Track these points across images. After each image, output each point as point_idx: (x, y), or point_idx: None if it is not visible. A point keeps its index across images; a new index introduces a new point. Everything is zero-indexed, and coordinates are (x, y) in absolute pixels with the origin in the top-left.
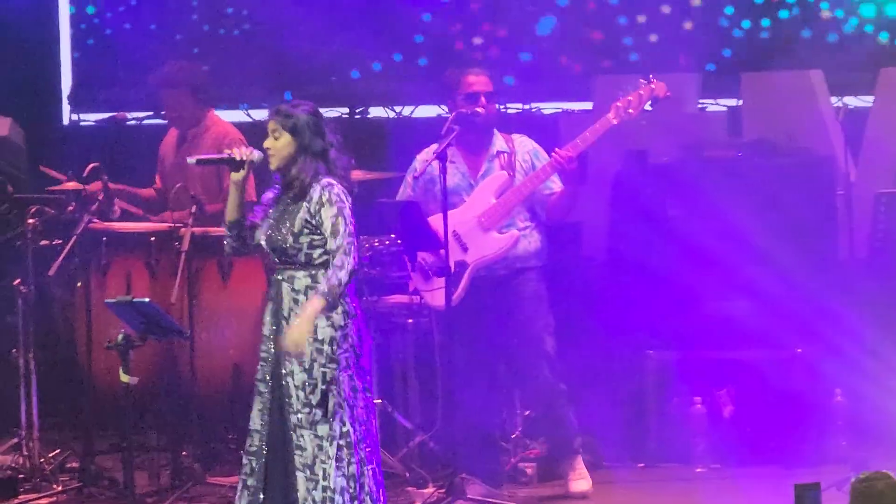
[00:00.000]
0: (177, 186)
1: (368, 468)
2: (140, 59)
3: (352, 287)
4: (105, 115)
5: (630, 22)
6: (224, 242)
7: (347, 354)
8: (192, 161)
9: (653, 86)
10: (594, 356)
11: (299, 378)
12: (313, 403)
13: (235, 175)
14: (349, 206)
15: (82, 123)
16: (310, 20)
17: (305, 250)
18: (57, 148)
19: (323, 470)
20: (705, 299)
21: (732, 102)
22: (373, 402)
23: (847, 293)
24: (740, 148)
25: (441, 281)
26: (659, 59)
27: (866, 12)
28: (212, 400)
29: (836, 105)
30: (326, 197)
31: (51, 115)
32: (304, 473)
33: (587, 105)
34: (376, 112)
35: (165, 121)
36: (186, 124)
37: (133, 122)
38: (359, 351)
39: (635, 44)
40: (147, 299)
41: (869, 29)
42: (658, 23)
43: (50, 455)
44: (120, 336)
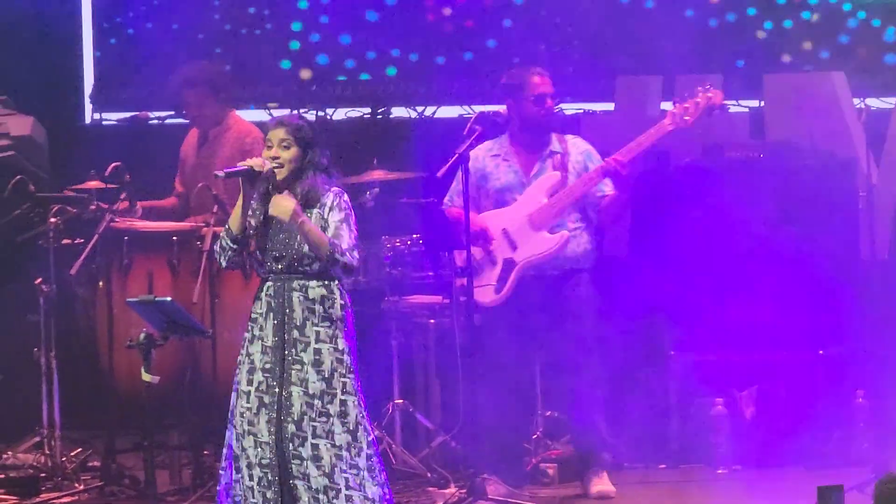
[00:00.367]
0: (199, 186)
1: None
2: (162, 59)
3: (349, 297)
4: (127, 115)
5: (650, 21)
6: (221, 257)
7: (356, 363)
8: (222, 175)
9: (710, 94)
10: (616, 356)
11: (315, 387)
12: (332, 413)
13: (249, 186)
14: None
15: (104, 123)
16: (331, 19)
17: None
18: (79, 147)
19: (345, 479)
20: (727, 300)
21: (755, 104)
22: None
23: (868, 294)
24: (762, 149)
25: (489, 278)
26: (680, 60)
27: (888, 14)
28: None
29: (859, 107)
30: (337, 202)
31: (73, 114)
32: (305, 482)
33: (609, 106)
34: (398, 112)
35: (187, 120)
36: (208, 124)
37: (155, 122)
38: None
39: (654, 44)
40: (169, 298)
41: (891, 31)
42: (680, 23)
43: (72, 454)
44: (142, 335)
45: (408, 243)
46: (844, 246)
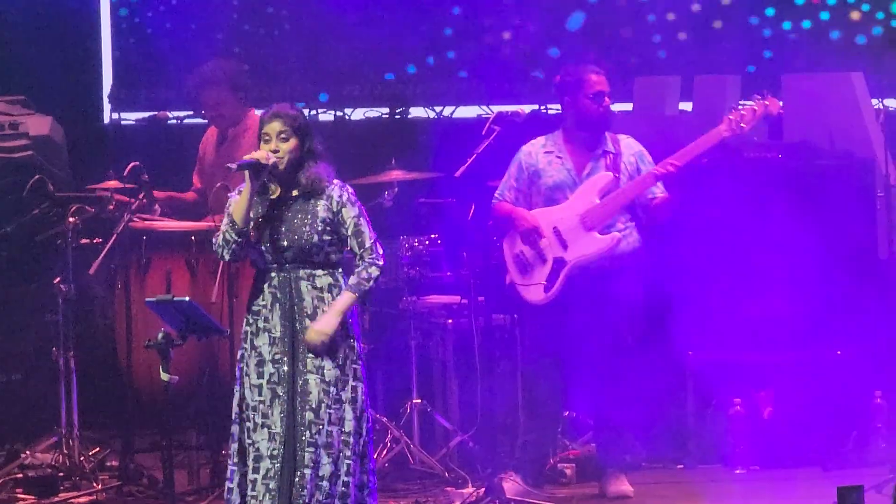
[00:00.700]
0: (217, 185)
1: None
2: (181, 59)
3: None
4: (146, 114)
5: (668, 21)
6: (224, 250)
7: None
8: (234, 168)
9: (767, 102)
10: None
11: (331, 374)
12: (344, 400)
13: (255, 180)
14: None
15: (123, 122)
16: (350, 20)
17: (326, 249)
18: (97, 147)
19: (347, 466)
20: (745, 301)
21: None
22: None
23: (886, 295)
24: (781, 150)
25: (538, 276)
26: (698, 60)
27: None
28: None
29: (877, 107)
30: (347, 197)
31: (92, 114)
32: (313, 470)
33: (627, 106)
34: (416, 112)
35: (206, 120)
36: (227, 123)
37: (174, 122)
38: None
39: (673, 44)
40: (187, 298)
41: None
42: (695, 23)
43: (90, 453)
44: (160, 335)
45: (426, 243)
46: (862, 246)
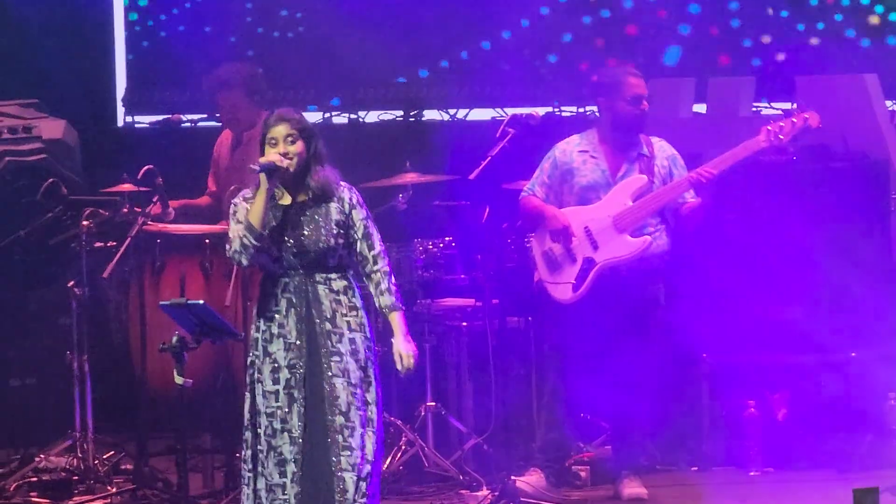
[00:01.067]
0: (231, 189)
1: None
2: (194, 62)
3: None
4: (160, 118)
5: (682, 23)
6: (242, 256)
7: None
8: (257, 169)
9: (806, 115)
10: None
11: (356, 376)
12: (369, 401)
13: (271, 183)
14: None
15: (137, 125)
16: (364, 23)
17: (340, 251)
18: (111, 150)
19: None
20: (759, 303)
21: (787, 106)
22: None
23: None
24: (795, 152)
25: (567, 275)
26: (710, 62)
27: None
28: None
29: (891, 109)
30: (356, 199)
31: (105, 118)
32: (354, 473)
33: None
34: (431, 115)
35: (220, 123)
36: (241, 126)
37: (188, 125)
38: None
39: (688, 46)
40: (201, 301)
41: None
42: (710, 24)
43: (104, 456)
44: (174, 338)
45: (440, 246)
46: (876, 248)
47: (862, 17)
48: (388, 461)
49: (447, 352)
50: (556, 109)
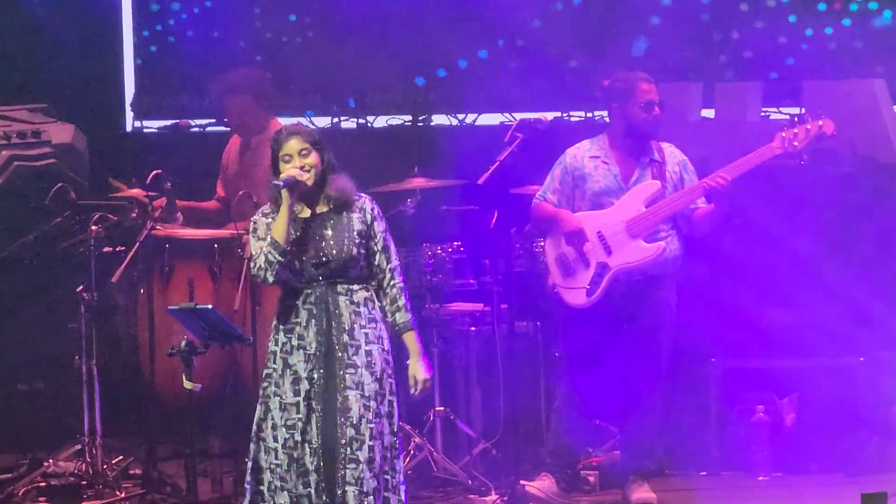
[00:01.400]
0: (240, 194)
1: None
2: (203, 67)
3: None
4: (168, 123)
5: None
6: (268, 273)
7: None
8: (281, 185)
9: (821, 122)
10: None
11: (370, 388)
12: (382, 414)
13: (292, 197)
14: None
15: (145, 130)
16: (372, 29)
17: (362, 262)
18: (120, 155)
19: (386, 481)
20: (768, 308)
21: (795, 111)
22: None
23: None
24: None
25: (581, 280)
26: (719, 67)
27: None
28: None
29: None
30: (377, 211)
31: (114, 122)
32: (356, 487)
33: None
34: (439, 119)
35: (228, 128)
36: (250, 131)
37: (196, 130)
38: None
39: (697, 51)
40: (210, 306)
41: None
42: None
43: (113, 461)
44: (183, 343)
45: (448, 251)
46: (885, 251)
47: (870, 22)
48: None
49: (456, 356)
50: (565, 114)
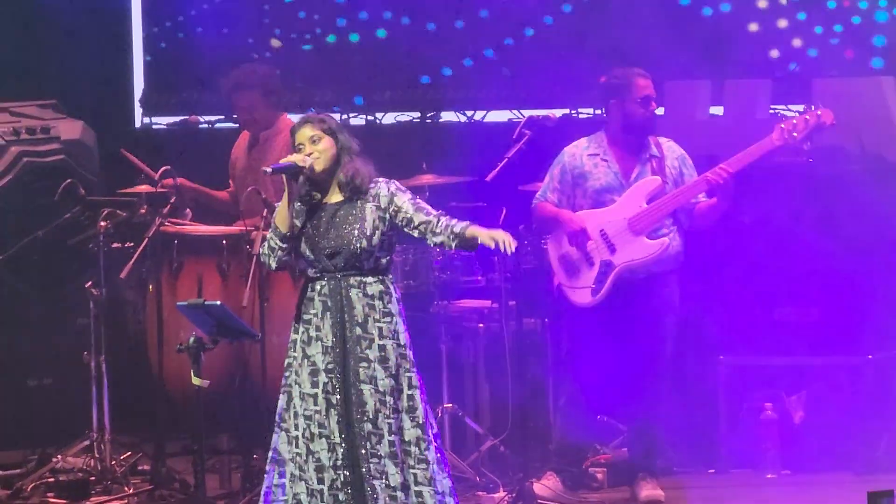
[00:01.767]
0: (248, 190)
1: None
2: (212, 63)
3: (399, 291)
4: (177, 119)
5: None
6: (270, 259)
7: (415, 357)
8: (269, 171)
9: (819, 112)
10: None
11: (385, 384)
12: (400, 409)
13: (294, 184)
14: None
15: (154, 126)
16: (380, 25)
17: (376, 254)
18: (129, 151)
19: (414, 476)
20: (776, 304)
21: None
22: None
23: None
24: (811, 154)
25: (586, 279)
26: (730, 65)
27: None
28: None
29: None
30: (395, 187)
31: (123, 119)
32: (383, 481)
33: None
34: (447, 116)
35: (237, 124)
36: (258, 127)
37: (205, 126)
38: None
39: (705, 49)
40: (218, 302)
41: None
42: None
43: (121, 457)
44: (191, 339)
45: None
46: (893, 250)
47: (879, 20)
48: None
49: (464, 353)
50: (574, 111)
